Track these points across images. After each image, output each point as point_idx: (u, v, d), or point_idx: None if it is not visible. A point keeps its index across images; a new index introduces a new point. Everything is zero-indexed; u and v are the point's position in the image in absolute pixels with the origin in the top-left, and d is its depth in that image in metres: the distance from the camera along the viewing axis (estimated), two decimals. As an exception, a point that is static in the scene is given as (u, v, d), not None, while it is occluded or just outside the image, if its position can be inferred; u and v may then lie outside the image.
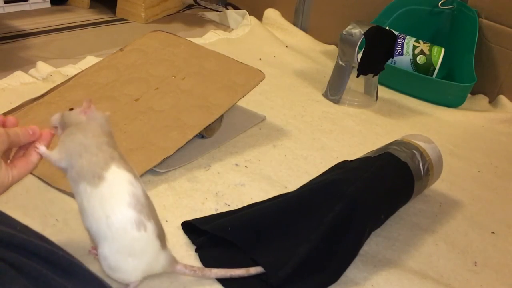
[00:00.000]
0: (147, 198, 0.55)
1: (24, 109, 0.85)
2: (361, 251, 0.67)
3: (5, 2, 1.41)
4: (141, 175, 0.75)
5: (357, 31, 1.07)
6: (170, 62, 0.95)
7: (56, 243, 0.49)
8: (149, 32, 1.02)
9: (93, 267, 0.49)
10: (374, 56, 1.09)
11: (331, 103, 1.14)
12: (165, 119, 0.84)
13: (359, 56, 1.07)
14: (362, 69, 1.09)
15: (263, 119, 1.00)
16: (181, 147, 0.80)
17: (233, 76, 0.92)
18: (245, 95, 0.90)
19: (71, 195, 0.70)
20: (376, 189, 0.69)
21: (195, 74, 0.92)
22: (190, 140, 0.81)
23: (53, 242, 0.49)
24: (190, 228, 0.67)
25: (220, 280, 0.60)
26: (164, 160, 0.78)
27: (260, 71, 0.94)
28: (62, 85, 0.90)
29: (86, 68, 0.94)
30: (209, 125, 0.85)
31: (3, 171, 0.52)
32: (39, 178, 0.73)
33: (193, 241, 0.65)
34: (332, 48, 1.47)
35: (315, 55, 1.42)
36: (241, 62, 0.96)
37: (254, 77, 0.93)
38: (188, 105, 0.86)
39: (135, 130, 0.82)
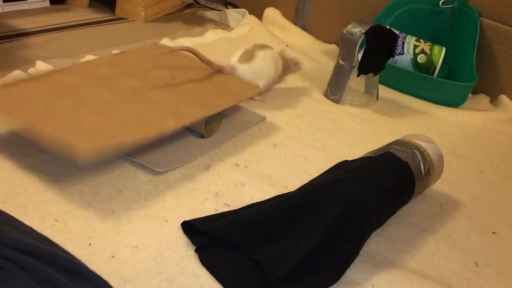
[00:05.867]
0: None
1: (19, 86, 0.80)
2: (362, 251, 0.67)
3: (4, 1, 1.41)
4: (139, 171, 0.75)
5: (357, 30, 1.07)
6: (170, 68, 0.95)
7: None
8: (149, 44, 1.03)
9: (94, 269, 0.49)
10: (375, 56, 1.08)
11: (331, 102, 1.13)
12: (164, 109, 0.82)
13: (360, 55, 1.07)
14: (363, 69, 1.08)
15: (263, 119, 0.99)
16: (180, 146, 0.79)
17: (232, 87, 0.94)
18: (243, 100, 0.92)
19: (70, 195, 0.70)
20: (376, 189, 0.69)
21: (195, 81, 0.93)
22: (190, 139, 0.81)
23: (58, 245, 0.49)
24: (190, 228, 0.67)
25: (220, 280, 0.60)
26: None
27: (257, 85, 0.97)
28: (59, 71, 0.88)
29: (86, 61, 0.93)
30: (209, 124, 0.85)
31: None
32: (37, 178, 0.73)
33: (193, 241, 0.65)
34: (333, 47, 1.46)
35: (315, 54, 1.41)
36: (239, 78, 0.98)
37: (252, 90, 0.96)
38: (187, 101, 0.86)
39: (133, 111, 0.78)
